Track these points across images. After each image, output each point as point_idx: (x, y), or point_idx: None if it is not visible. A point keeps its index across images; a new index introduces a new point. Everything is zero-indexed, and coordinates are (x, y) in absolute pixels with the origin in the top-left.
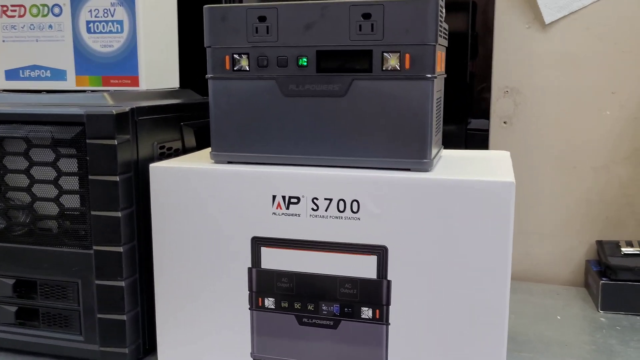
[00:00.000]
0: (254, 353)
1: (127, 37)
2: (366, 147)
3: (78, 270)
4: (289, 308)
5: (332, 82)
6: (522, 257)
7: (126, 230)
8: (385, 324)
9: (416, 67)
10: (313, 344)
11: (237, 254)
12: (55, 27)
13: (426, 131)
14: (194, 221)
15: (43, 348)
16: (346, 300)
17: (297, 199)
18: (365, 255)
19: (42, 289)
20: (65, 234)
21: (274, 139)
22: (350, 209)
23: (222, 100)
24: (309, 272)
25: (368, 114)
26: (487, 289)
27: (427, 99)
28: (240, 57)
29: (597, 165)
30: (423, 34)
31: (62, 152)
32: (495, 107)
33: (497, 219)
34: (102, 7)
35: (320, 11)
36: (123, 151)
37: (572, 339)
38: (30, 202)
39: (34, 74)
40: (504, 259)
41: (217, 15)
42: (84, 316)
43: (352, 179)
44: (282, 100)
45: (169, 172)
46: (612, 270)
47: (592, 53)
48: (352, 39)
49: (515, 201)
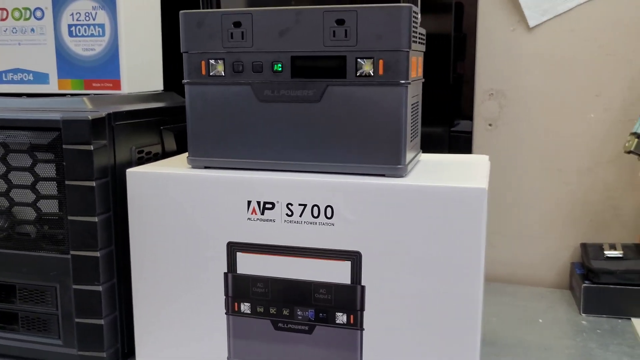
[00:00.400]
0: (231, 357)
1: (109, 41)
2: (341, 152)
3: (56, 275)
4: (264, 313)
5: (306, 87)
6: (507, 260)
7: (103, 235)
8: (359, 329)
9: (390, 73)
10: (289, 348)
11: (214, 259)
12: (37, 30)
13: (400, 137)
14: (171, 226)
15: (22, 352)
16: (321, 305)
17: (272, 205)
18: (339, 261)
19: (21, 293)
20: (43, 239)
21: (249, 145)
22: (324, 215)
23: (199, 105)
24: (283, 278)
25: (342, 119)
26: (459, 293)
27: (401, 104)
28: (216, 62)
29: (581, 168)
30: (396, 40)
31: (39, 157)
32: (480, 109)
33: (469, 225)
34: (84, 11)
35: (294, 17)
36: (99, 156)
37: (553, 342)
38: (9, 206)
39: (16, 77)
40: (477, 264)
41: (193, 20)
42: (62, 320)
43: (326, 184)
44: (258, 105)
45: (145, 177)
46: (594, 274)
47: (577, 55)
48: (326, 45)
49: (500, 204)
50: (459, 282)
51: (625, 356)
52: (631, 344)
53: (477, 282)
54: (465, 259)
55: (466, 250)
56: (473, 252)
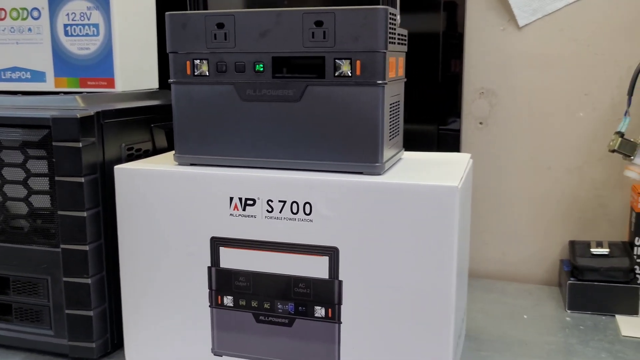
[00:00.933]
0: (215, 349)
1: (103, 40)
2: (320, 150)
3: (47, 268)
4: (246, 306)
5: (287, 87)
6: (498, 257)
7: (92, 229)
8: (337, 323)
9: (367, 73)
10: (270, 341)
11: (198, 254)
12: (34, 30)
13: (377, 135)
14: (157, 221)
15: (15, 342)
16: (300, 299)
17: (253, 201)
18: (317, 256)
19: (14, 285)
20: (35, 233)
21: (232, 143)
22: (303, 211)
23: (184, 104)
24: (264, 272)
25: (322, 118)
26: (433, 288)
27: (377, 104)
28: (200, 62)
29: (570, 166)
30: (373, 41)
31: (30, 153)
32: (471, 108)
33: (442, 222)
34: (79, 11)
35: (275, 18)
36: (88, 153)
37: (534, 338)
38: (2, 201)
39: (14, 76)
40: (449, 260)
41: (178, 21)
42: (53, 312)
43: (304, 182)
44: (240, 104)
45: (132, 174)
46: (578, 271)
47: (566, 55)
48: (305, 46)
49: (490, 201)
50: (433, 278)
51: (604, 352)
52: (611, 340)
53: (450, 277)
54: (439, 254)
55: (439, 246)
56: (446, 248)
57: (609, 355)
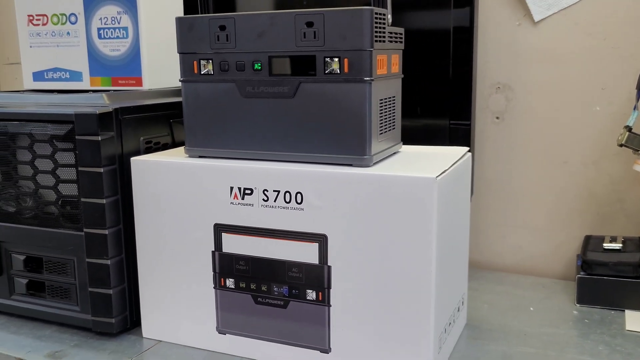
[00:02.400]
0: (219, 327)
1: (132, 42)
2: (313, 144)
3: (73, 250)
4: (246, 288)
5: (282, 84)
6: (514, 251)
7: (111, 215)
8: (327, 306)
9: (354, 70)
10: (267, 321)
11: (204, 239)
12: (72, 33)
13: (365, 129)
14: (169, 209)
15: (48, 316)
16: (294, 283)
17: (251, 191)
18: (308, 243)
19: (47, 264)
20: (63, 218)
21: (235, 136)
22: (295, 200)
23: (192, 101)
24: (261, 257)
25: (314, 113)
26: (413, 276)
27: (364, 100)
28: (206, 62)
29: (587, 161)
30: (359, 40)
31: (58, 146)
32: (488, 102)
33: (421, 211)
34: (110, 16)
35: (270, 20)
36: (107, 146)
37: (534, 329)
38: (35, 189)
39: (55, 76)
40: (428, 248)
41: (185, 24)
42: (79, 289)
43: (296, 173)
44: (241, 101)
45: (146, 165)
46: (588, 265)
47: (582, 49)
48: (298, 45)
49: (507, 195)
50: (413, 266)
51: (602, 344)
52: (614, 334)
53: (429, 266)
54: (418, 243)
55: (418, 235)
56: (425, 237)
57: (606, 348)
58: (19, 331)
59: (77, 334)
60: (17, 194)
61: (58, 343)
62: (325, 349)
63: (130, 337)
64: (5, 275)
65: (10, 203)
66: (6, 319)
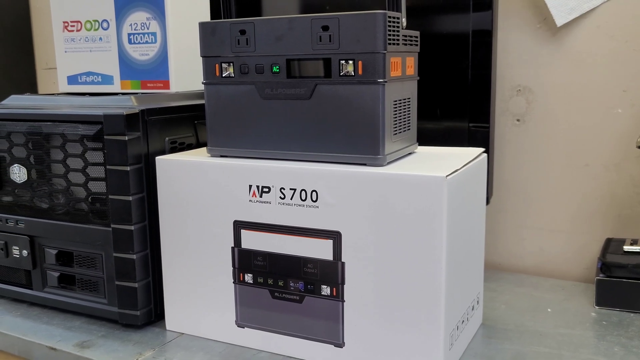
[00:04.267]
0: (238, 321)
1: (160, 47)
2: (328, 143)
3: (101, 244)
4: (263, 283)
5: (299, 86)
6: (535, 253)
7: (137, 212)
8: (341, 301)
9: (368, 72)
10: (284, 315)
11: (224, 235)
12: (104, 39)
13: (378, 130)
14: (191, 206)
15: (78, 308)
16: (309, 278)
17: (268, 189)
18: (323, 239)
19: (77, 259)
20: (92, 214)
21: (254, 136)
22: (310, 199)
23: (214, 102)
24: (278, 253)
25: (329, 114)
26: (424, 274)
27: (377, 101)
28: (227, 65)
29: (609, 163)
30: (372, 43)
31: (89, 145)
32: (508, 105)
33: (431, 209)
34: (140, 22)
35: (288, 24)
36: (133, 146)
37: (550, 330)
38: (66, 187)
39: (88, 79)
40: (439, 247)
41: (208, 29)
42: (107, 283)
43: (311, 172)
44: (260, 102)
45: (170, 164)
46: (607, 267)
47: (603, 51)
48: (314, 49)
49: (528, 197)
50: (424, 264)
51: (618, 346)
52: (631, 336)
53: (439, 265)
54: (429, 242)
55: (429, 234)
56: (435, 236)
57: (621, 349)
58: (50, 322)
59: (104, 325)
60: (50, 191)
61: (86, 333)
62: (339, 343)
63: (155, 329)
64: (39, 269)
65: (43, 200)
66: (40, 310)
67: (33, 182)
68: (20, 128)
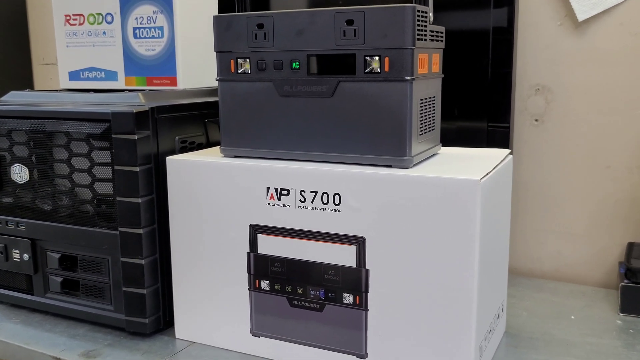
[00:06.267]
0: (253, 330)
1: (167, 42)
2: (352, 144)
3: (108, 249)
4: (281, 290)
5: (320, 83)
6: (553, 257)
7: (146, 214)
8: (364, 310)
9: (395, 69)
10: (302, 324)
11: (239, 240)
12: (108, 33)
13: (405, 130)
14: (203, 209)
15: (82, 315)
16: (330, 286)
17: (288, 191)
18: (345, 245)
19: (81, 263)
20: (98, 217)
21: (271, 136)
22: (333, 202)
23: (229, 100)
24: (297, 259)
25: (353, 113)
26: (455, 280)
27: (405, 99)
28: (243, 61)
29: (631, 165)
30: (400, 38)
31: (95, 145)
32: (527, 104)
33: (463, 214)
34: (146, 15)
35: (309, 18)
36: (143, 145)
37: (577, 339)
38: (71, 187)
39: (91, 75)
40: (471, 253)
41: (223, 23)
42: (113, 289)
43: (334, 174)
44: (278, 100)
45: (182, 164)
46: (632, 272)
47: (627, 50)
48: (337, 44)
49: (546, 200)
50: (454, 271)
51: None
52: None
53: (471, 271)
54: (460, 247)
55: (461, 239)
56: (468, 241)
57: None
58: (53, 329)
59: (110, 333)
60: (53, 192)
61: (92, 342)
62: (362, 354)
63: (163, 337)
64: (41, 273)
65: (46, 201)
66: (41, 317)
67: (35, 183)
68: (22, 126)
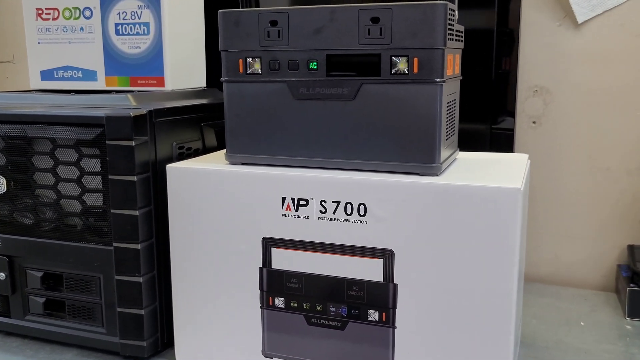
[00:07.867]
0: (265, 350)
1: (153, 39)
2: (375, 151)
3: (100, 266)
4: (298, 308)
5: (341, 85)
6: (551, 260)
7: (144, 228)
8: (391, 327)
9: (424, 71)
10: (321, 343)
11: (249, 254)
12: (86, 29)
13: (435, 135)
14: (209, 221)
15: (68, 338)
16: (353, 302)
17: (306, 202)
18: (372, 259)
19: (67, 282)
20: (88, 231)
21: (285, 142)
22: (357, 213)
23: (236, 102)
24: (317, 274)
25: (377, 117)
26: (492, 293)
27: (435, 103)
28: (253, 60)
29: (631, 168)
30: (431, 38)
31: (84, 152)
32: (524, 106)
33: (503, 225)
34: (130, 10)
35: (329, 15)
36: (141, 152)
37: (592, 346)
38: (56, 199)
39: (67, 75)
40: (511, 264)
41: (230, 19)
42: (105, 309)
43: (358, 182)
44: (293, 103)
45: (184, 173)
46: (639, 276)
47: (627, 51)
48: (361, 43)
49: (544, 203)
50: (493, 283)
51: None
52: None
53: (511, 283)
54: (499, 259)
55: (500, 250)
56: (507, 253)
57: None
58: (36, 355)
59: (102, 358)
60: (34, 204)
61: None
62: None
63: None
64: (19, 294)
65: (26, 214)
66: (21, 342)
67: (13, 194)
68: None
